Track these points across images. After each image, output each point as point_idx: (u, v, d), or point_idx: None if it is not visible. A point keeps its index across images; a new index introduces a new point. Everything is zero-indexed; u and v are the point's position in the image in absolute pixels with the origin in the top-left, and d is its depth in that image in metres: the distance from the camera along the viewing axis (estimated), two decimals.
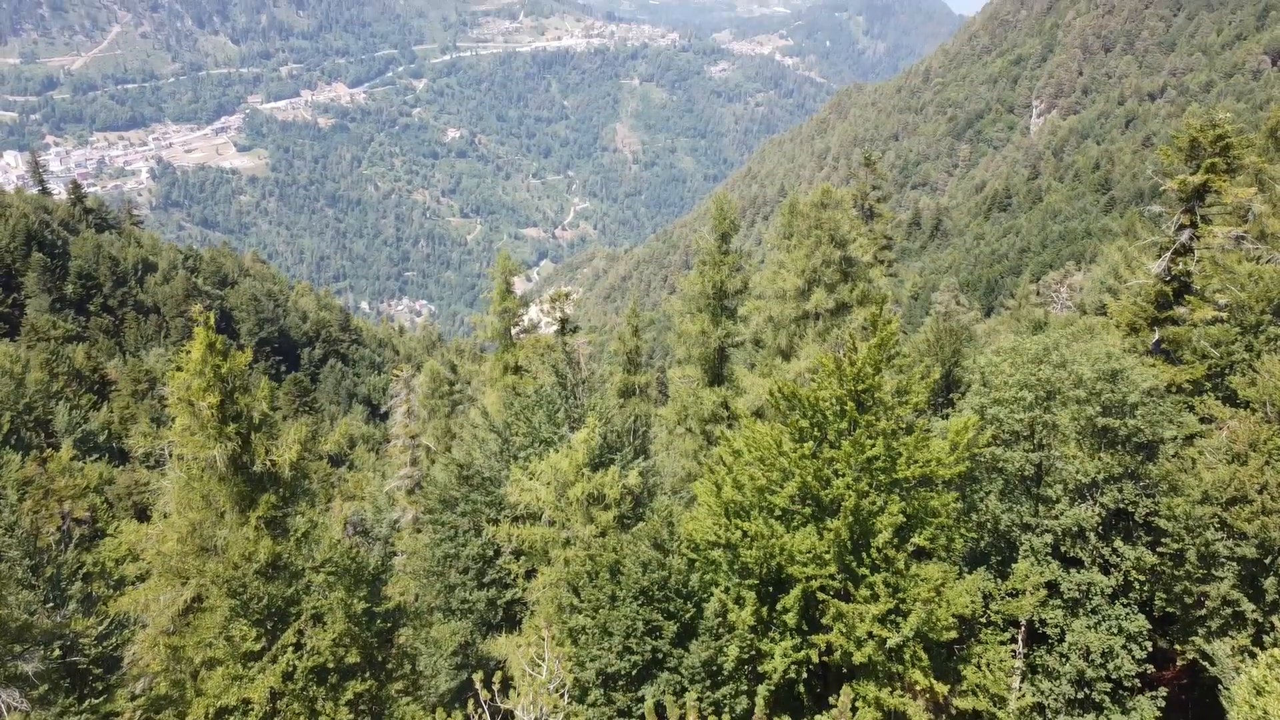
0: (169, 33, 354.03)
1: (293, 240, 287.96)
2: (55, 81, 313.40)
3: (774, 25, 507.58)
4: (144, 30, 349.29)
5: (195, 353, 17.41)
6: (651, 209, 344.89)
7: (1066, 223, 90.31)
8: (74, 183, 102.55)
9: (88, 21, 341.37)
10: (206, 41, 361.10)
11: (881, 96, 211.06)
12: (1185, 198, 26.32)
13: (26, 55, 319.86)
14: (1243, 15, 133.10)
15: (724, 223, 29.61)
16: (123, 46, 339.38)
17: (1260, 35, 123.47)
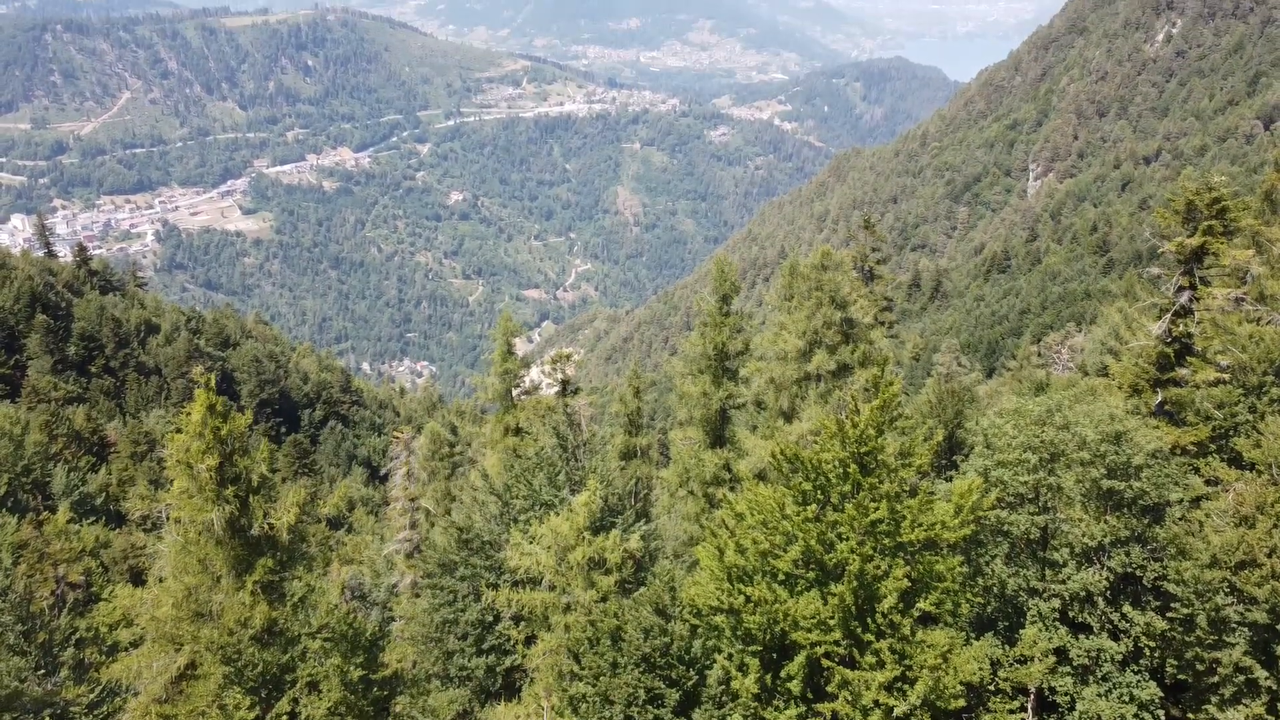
0: (178, 99, 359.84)
1: (295, 302, 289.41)
2: (65, 146, 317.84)
3: (772, 91, 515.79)
4: (153, 96, 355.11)
5: (195, 414, 17.38)
6: (653, 271, 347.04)
7: (1066, 284, 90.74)
8: (80, 245, 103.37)
9: (98, 88, 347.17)
10: (214, 107, 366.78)
11: (879, 160, 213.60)
12: (1183, 260, 26.41)
13: (37, 121, 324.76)
14: (1234, 81, 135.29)
15: (725, 284, 29.74)
16: (132, 112, 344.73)
17: (1251, 101, 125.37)
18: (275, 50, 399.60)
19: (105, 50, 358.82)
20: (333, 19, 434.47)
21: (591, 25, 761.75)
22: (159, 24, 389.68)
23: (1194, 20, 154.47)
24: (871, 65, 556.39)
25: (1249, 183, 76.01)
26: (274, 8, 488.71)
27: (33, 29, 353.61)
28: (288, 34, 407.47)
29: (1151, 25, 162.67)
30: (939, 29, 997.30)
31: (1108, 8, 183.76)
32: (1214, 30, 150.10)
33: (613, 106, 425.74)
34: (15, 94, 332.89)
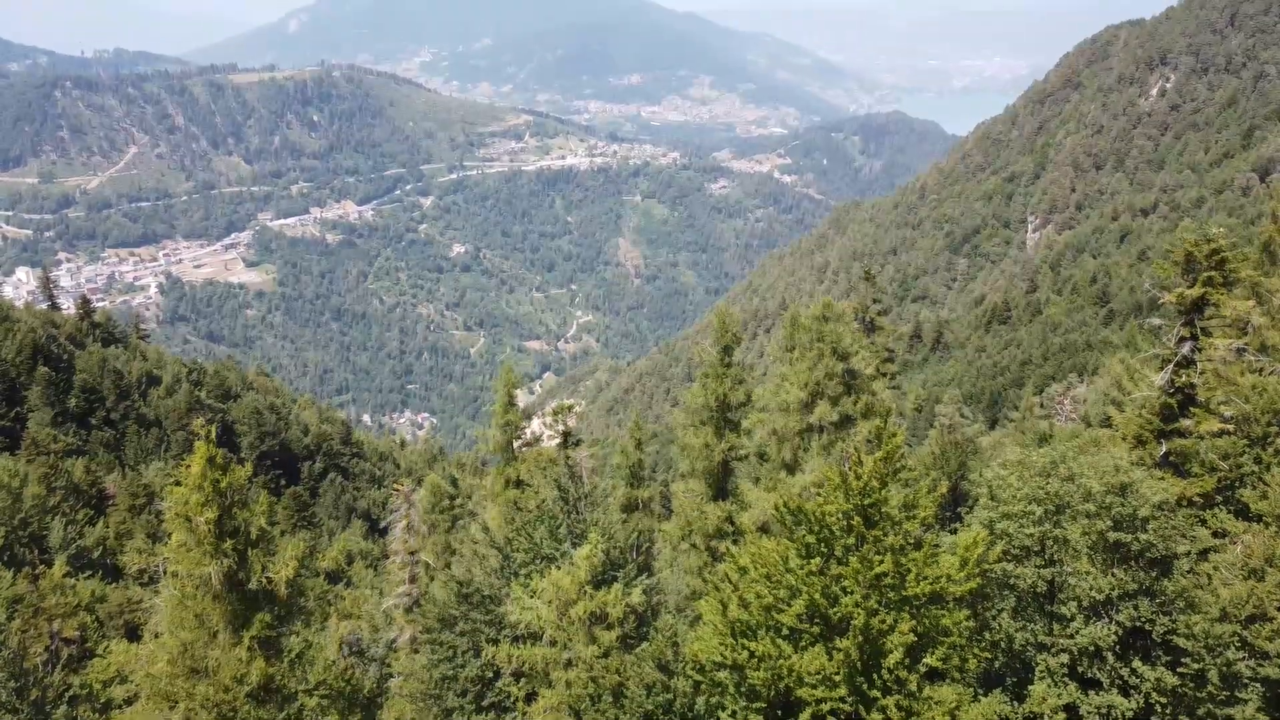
0: (184, 153, 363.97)
1: (297, 354, 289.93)
2: (71, 200, 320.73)
3: (772, 145, 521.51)
4: (160, 151, 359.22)
5: (195, 467, 17.27)
6: (654, 322, 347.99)
7: (1067, 335, 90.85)
8: (83, 298, 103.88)
9: (106, 143, 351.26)
10: (220, 161, 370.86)
11: (879, 212, 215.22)
12: (1184, 310, 26.43)
13: (45, 175, 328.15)
14: (1228, 135, 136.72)
15: (726, 335, 29.77)
16: (138, 166, 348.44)
17: (1247, 154, 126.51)
18: (281, 106, 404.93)
19: (114, 106, 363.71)
20: (338, 75, 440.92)
21: (593, 81, 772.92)
22: (167, 80, 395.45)
23: (1187, 75, 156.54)
24: (870, 120, 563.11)
25: (1247, 234, 76.34)
26: (281, 65, 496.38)
27: (43, 86, 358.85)
28: (294, 90, 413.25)
29: (1145, 80, 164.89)
30: (936, 84, 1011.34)
31: (1101, 64, 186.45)
32: (1208, 85, 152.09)
33: (614, 160, 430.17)
34: (24, 149, 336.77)
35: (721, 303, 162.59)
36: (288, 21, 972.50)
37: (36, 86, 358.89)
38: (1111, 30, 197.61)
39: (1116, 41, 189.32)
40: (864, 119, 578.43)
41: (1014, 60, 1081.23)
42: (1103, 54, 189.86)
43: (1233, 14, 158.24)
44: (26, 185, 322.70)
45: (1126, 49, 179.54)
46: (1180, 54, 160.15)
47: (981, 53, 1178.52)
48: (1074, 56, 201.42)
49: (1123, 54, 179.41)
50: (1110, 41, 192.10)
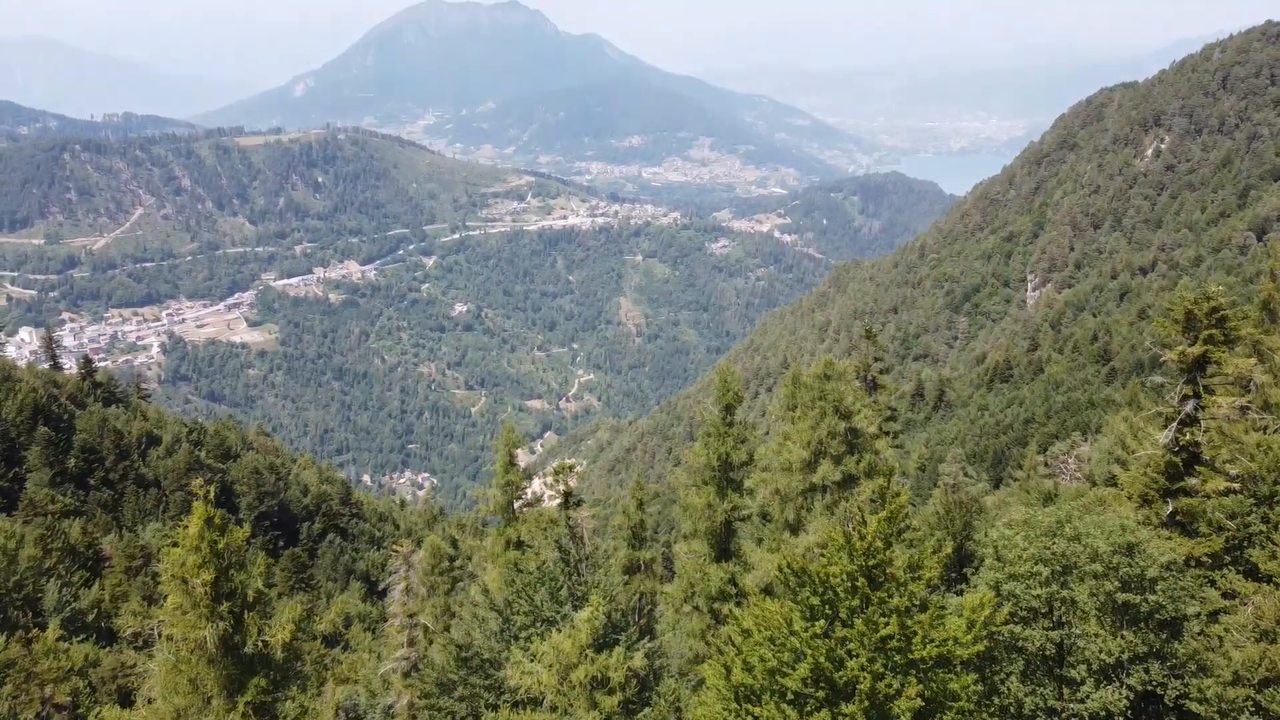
0: (190, 214, 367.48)
1: (298, 413, 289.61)
2: (76, 260, 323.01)
3: (772, 205, 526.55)
4: (166, 212, 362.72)
5: (192, 528, 17.13)
6: (655, 381, 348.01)
7: (1069, 393, 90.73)
8: (85, 357, 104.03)
9: (112, 204, 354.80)
10: (225, 222, 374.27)
11: (879, 271, 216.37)
12: (1186, 368, 26.42)
13: (51, 236, 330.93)
14: (1224, 194, 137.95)
15: (728, 394, 29.70)
16: (144, 227, 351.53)
17: (1243, 213, 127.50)
18: (287, 168, 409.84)
19: (121, 169, 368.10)
20: (343, 138, 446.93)
21: (595, 143, 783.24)
22: (175, 143, 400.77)
23: (1181, 136, 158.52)
24: (869, 180, 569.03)
25: (1246, 292, 76.68)
26: (287, 128, 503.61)
27: (52, 149, 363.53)
28: (299, 152, 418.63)
29: (1140, 141, 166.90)
30: (933, 145, 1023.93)
31: (1096, 125, 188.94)
32: (1202, 145, 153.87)
33: (615, 220, 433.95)
34: (32, 210, 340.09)
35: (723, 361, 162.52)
36: (294, 86, 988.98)
37: (46, 149, 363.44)
38: (1105, 93, 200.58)
39: (1111, 104, 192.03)
40: (863, 179, 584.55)
41: (1010, 121, 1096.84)
42: (1097, 115, 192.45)
43: (1224, 77, 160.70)
44: (33, 246, 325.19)
45: (1120, 111, 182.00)
46: (1174, 116, 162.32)
47: (977, 114, 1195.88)
48: (1069, 118, 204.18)
49: (1117, 115, 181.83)
50: (1104, 104, 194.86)
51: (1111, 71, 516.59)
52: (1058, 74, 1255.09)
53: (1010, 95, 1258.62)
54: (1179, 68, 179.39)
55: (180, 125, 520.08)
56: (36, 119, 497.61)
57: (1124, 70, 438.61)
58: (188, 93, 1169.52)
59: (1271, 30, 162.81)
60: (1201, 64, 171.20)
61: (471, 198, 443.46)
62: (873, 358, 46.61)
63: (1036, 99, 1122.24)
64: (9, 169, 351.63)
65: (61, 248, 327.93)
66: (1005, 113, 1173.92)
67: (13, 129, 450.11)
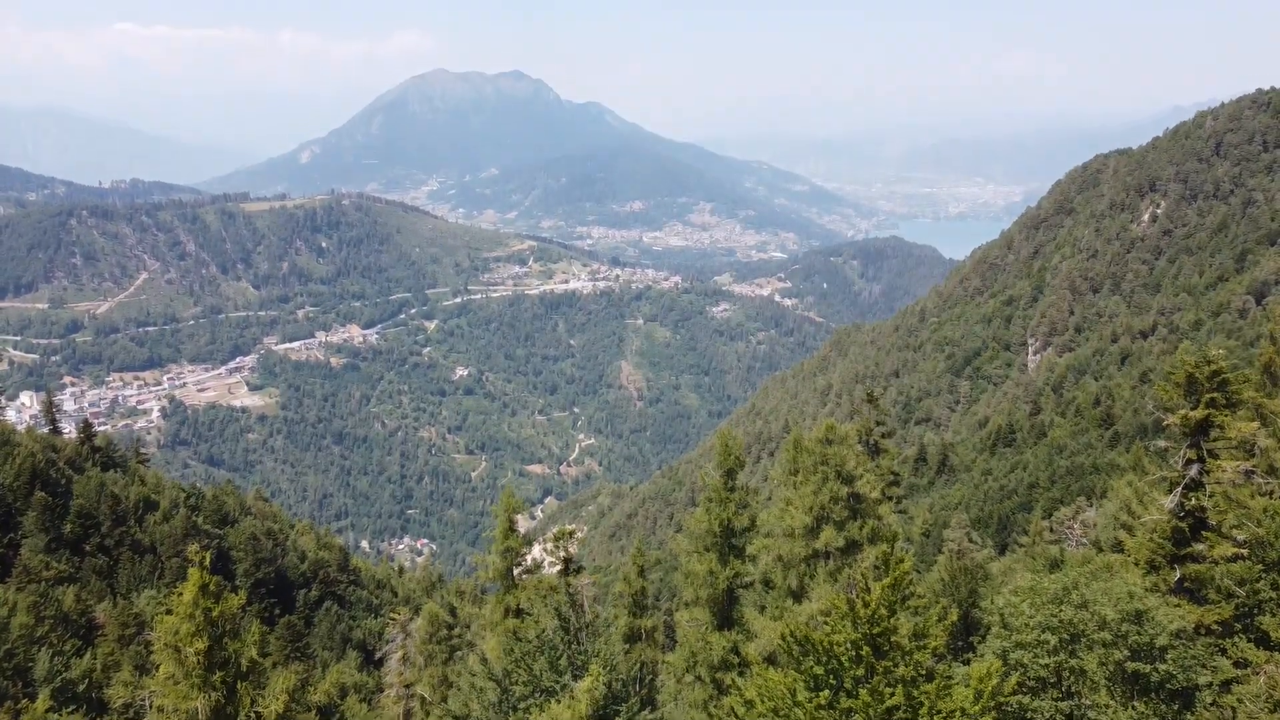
0: (194, 279, 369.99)
1: (297, 478, 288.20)
2: (79, 325, 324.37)
3: (772, 269, 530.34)
4: (170, 277, 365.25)
5: (187, 595, 16.89)
6: (657, 445, 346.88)
7: (1073, 458, 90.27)
8: (85, 422, 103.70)
9: (117, 269, 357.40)
10: (229, 287, 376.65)
11: (880, 335, 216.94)
12: (1189, 432, 26.32)
13: (55, 301, 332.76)
14: (1221, 259, 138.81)
15: (729, 459, 29.53)
16: (148, 292, 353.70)
17: (1241, 277, 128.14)
18: (291, 233, 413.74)
19: (127, 234, 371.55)
20: (347, 203, 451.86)
21: (596, 208, 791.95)
22: (181, 209, 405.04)
23: (1177, 201, 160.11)
24: (868, 244, 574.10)
25: (1246, 356, 76.76)
26: (293, 193, 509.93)
27: (59, 214, 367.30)
28: (304, 217, 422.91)
29: (1136, 206, 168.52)
30: (931, 210, 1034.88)
31: (1093, 190, 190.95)
32: (1197, 210, 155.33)
33: (616, 284, 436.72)
34: (37, 275, 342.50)
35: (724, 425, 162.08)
36: (300, 153, 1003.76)
37: (53, 215, 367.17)
38: (1101, 159, 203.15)
39: (1106, 169, 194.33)
40: (862, 243, 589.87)
41: (1007, 187, 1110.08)
42: (1093, 181, 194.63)
43: (1217, 143, 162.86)
44: (36, 311, 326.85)
45: (1116, 176, 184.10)
46: (1169, 181, 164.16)
47: (974, 180, 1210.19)
48: (1065, 184, 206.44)
49: (1113, 181, 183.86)
50: (1100, 169, 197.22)
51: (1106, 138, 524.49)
52: (1053, 141, 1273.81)
53: (1007, 162, 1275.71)
54: (1173, 134, 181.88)
55: (187, 191, 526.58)
56: (45, 185, 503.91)
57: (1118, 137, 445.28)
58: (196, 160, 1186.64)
59: (1262, 99, 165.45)
60: (1194, 131, 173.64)
61: (474, 262, 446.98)
62: (875, 422, 46.48)
63: (1033, 165, 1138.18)
64: (16, 234, 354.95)
65: (65, 312, 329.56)
66: (1002, 179, 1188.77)
67: (21, 195, 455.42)
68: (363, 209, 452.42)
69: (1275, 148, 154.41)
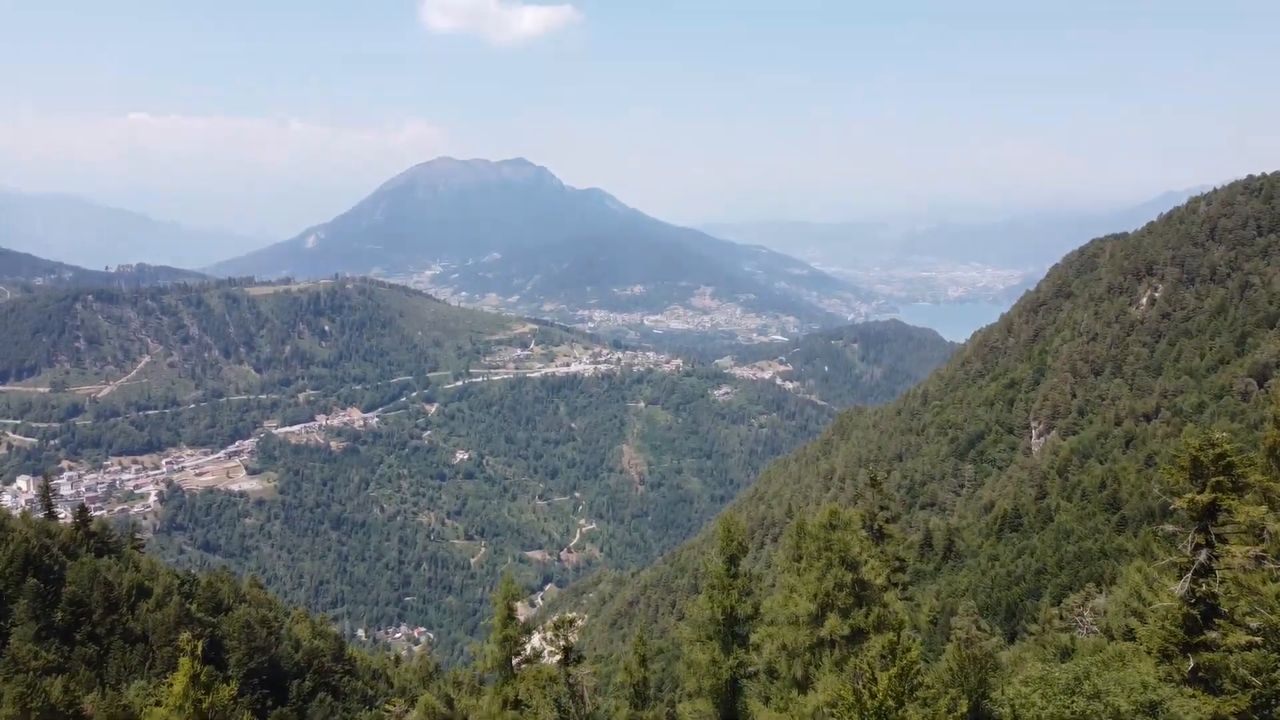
0: (196, 362, 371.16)
1: (294, 564, 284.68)
2: (80, 408, 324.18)
3: (773, 352, 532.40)
4: (172, 360, 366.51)
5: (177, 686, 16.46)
6: (659, 531, 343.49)
7: (1080, 543, 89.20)
8: (81, 506, 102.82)
9: (120, 352, 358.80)
10: (230, 370, 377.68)
11: (882, 418, 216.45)
12: (1196, 516, 26.06)
13: (56, 384, 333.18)
14: (1221, 341, 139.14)
15: (732, 545, 29.15)
16: (150, 375, 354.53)
17: (1242, 360, 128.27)
18: (294, 316, 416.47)
19: (131, 317, 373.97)
20: (351, 287, 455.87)
21: (598, 291, 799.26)
22: (185, 293, 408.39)
23: (1174, 285, 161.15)
24: (869, 327, 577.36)
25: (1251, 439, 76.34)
26: (297, 277, 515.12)
27: (65, 299, 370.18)
28: (307, 301, 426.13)
29: (1134, 290, 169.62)
30: (930, 294, 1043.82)
31: (1090, 274, 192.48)
32: (1195, 294, 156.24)
33: (618, 367, 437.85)
34: (39, 359, 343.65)
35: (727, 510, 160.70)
36: (306, 238, 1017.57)
37: (59, 299, 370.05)
38: (1097, 243, 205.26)
39: (1103, 253, 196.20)
40: (863, 327, 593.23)
41: (1005, 271, 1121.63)
42: (1090, 265, 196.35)
43: (1212, 228, 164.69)
44: (37, 394, 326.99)
45: (1113, 260, 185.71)
46: (1166, 265, 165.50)
47: (972, 264, 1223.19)
48: (1063, 267, 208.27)
49: (1110, 265, 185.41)
50: (1096, 253, 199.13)
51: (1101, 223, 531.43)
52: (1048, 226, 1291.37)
53: (1003, 246, 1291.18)
54: (1167, 219, 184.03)
55: (192, 275, 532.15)
56: (52, 270, 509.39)
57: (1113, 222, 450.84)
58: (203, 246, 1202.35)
59: (1254, 184, 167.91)
60: (1189, 215, 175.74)
61: (475, 345, 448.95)
62: (879, 506, 45.92)
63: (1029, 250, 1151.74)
64: (21, 318, 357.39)
65: (66, 395, 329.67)
66: (999, 263, 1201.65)
67: (29, 280, 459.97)
68: (366, 292, 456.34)
69: (1269, 232, 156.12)
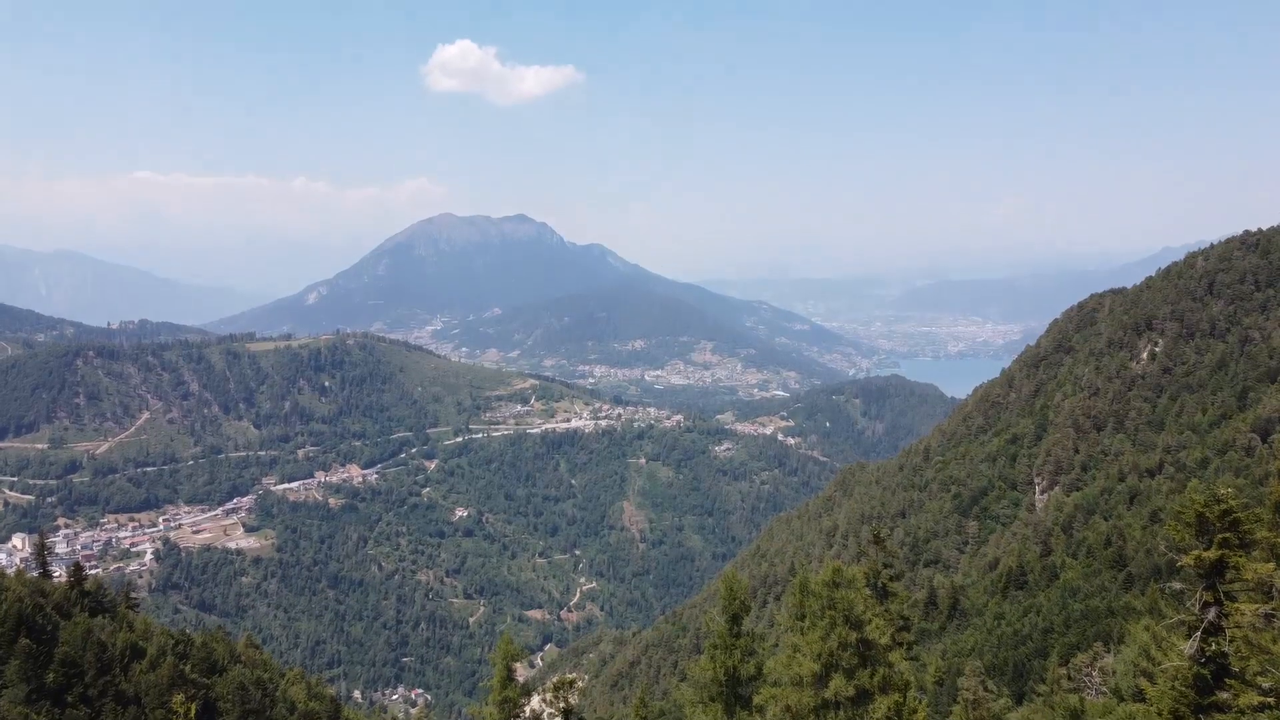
0: (195, 418, 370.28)
1: (290, 623, 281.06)
2: (78, 465, 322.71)
3: (774, 407, 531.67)
4: (171, 416, 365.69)
5: None
6: (660, 589, 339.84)
7: (1087, 601, 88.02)
8: (76, 565, 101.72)
9: (120, 409, 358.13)
10: (230, 426, 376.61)
11: (885, 474, 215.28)
12: (1204, 574, 25.71)
13: (55, 441, 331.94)
14: (1223, 396, 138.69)
15: (734, 603, 28.70)
16: (148, 431, 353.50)
17: (1244, 415, 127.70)
18: (295, 372, 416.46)
19: (131, 373, 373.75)
20: (352, 343, 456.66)
21: (598, 346, 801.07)
22: (187, 349, 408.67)
23: (1174, 340, 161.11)
24: (870, 383, 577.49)
25: (1256, 494, 75.82)
26: (298, 333, 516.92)
27: (66, 355, 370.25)
28: (308, 357, 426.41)
29: (1134, 344, 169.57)
30: (931, 349, 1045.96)
31: (1090, 329, 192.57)
32: (1195, 348, 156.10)
33: (619, 422, 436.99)
34: (39, 415, 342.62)
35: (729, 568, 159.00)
36: (307, 294, 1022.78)
37: (60, 356, 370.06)
38: (1096, 298, 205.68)
39: (1102, 308, 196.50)
40: (864, 382, 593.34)
41: (1005, 326, 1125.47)
42: (1089, 320, 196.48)
43: (1210, 283, 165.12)
44: (35, 451, 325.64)
45: (1112, 315, 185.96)
46: (1165, 320, 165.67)
47: (972, 319, 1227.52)
48: (1062, 322, 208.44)
49: (1109, 320, 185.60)
50: (1096, 308, 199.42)
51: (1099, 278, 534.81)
52: (1047, 281, 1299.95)
53: (1003, 301, 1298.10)
54: (1165, 274, 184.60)
55: (194, 332, 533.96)
56: (54, 327, 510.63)
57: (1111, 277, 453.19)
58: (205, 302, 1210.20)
59: (1250, 240, 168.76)
60: (1186, 271, 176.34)
61: (475, 400, 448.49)
62: (882, 564, 45.41)
63: (1028, 305, 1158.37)
64: (22, 375, 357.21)
65: (65, 452, 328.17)
66: (999, 318, 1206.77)
67: (30, 336, 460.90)
68: (366, 348, 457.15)
69: (1267, 287, 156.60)
